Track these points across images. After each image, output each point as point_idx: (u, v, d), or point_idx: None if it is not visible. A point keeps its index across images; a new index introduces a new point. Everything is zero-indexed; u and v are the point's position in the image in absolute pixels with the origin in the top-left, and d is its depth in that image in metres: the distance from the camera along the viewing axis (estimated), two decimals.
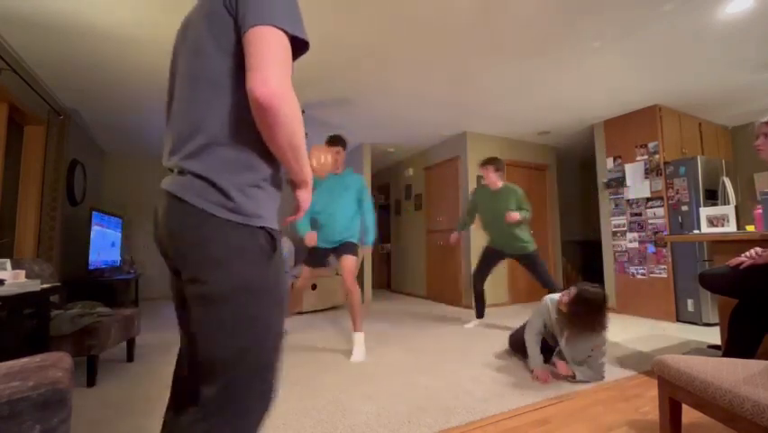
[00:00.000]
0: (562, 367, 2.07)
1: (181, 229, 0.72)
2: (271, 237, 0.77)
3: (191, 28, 0.79)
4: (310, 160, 0.95)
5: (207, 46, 0.74)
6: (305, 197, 0.88)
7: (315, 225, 2.86)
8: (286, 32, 0.71)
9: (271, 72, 0.67)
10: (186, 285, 0.73)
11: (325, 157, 2.07)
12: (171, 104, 0.84)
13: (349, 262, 2.68)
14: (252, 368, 0.73)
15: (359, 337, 2.63)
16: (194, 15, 0.81)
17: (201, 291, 0.71)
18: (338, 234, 2.78)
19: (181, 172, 0.73)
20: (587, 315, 1.93)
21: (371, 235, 2.84)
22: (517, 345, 2.41)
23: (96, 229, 4.01)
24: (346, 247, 2.75)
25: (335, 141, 2.88)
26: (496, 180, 3.34)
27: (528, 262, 3.27)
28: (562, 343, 2.09)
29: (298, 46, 0.76)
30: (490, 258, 3.44)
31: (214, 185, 0.71)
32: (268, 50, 0.68)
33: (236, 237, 0.71)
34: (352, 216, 2.83)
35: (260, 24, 0.69)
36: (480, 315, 3.55)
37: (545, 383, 2.01)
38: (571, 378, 2.04)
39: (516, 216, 3.13)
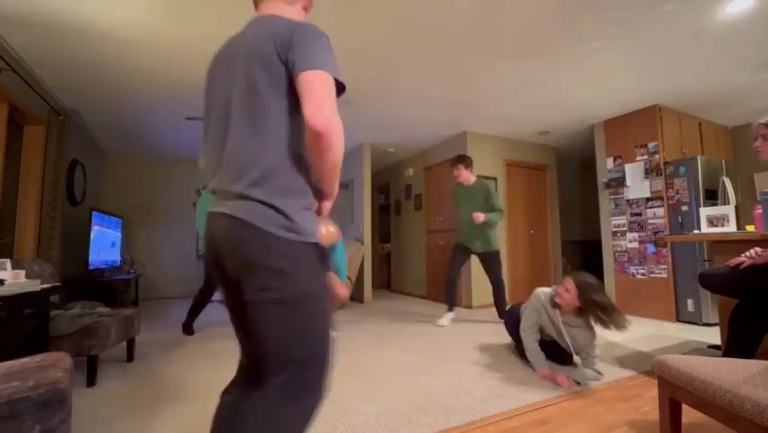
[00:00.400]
0: (562, 380, 1.98)
1: (249, 248, 0.82)
2: (321, 250, 0.90)
3: (239, 65, 0.89)
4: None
5: (264, 89, 0.85)
6: (328, 207, 0.99)
7: None
8: (331, 75, 0.84)
9: (325, 106, 0.79)
10: (254, 293, 0.83)
11: (328, 229, 2.27)
12: (210, 127, 0.95)
13: None
14: (316, 360, 0.86)
15: None
16: (239, 54, 0.90)
17: (274, 297, 0.82)
18: None
19: (243, 198, 0.84)
20: (603, 313, 1.93)
21: None
22: (512, 325, 2.42)
23: (96, 229, 4.01)
24: None
25: None
26: (469, 177, 3.58)
27: (487, 259, 3.51)
28: (564, 335, 2.05)
29: (338, 88, 0.88)
30: (458, 254, 3.63)
31: (276, 209, 0.83)
32: (320, 88, 0.81)
33: (296, 251, 0.84)
34: None
35: (312, 69, 0.82)
36: (451, 305, 3.65)
37: (554, 381, 2.00)
38: (576, 383, 2.00)
39: (480, 216, 3.31)
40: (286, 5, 1.03)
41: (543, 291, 2.21)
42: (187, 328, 3.28)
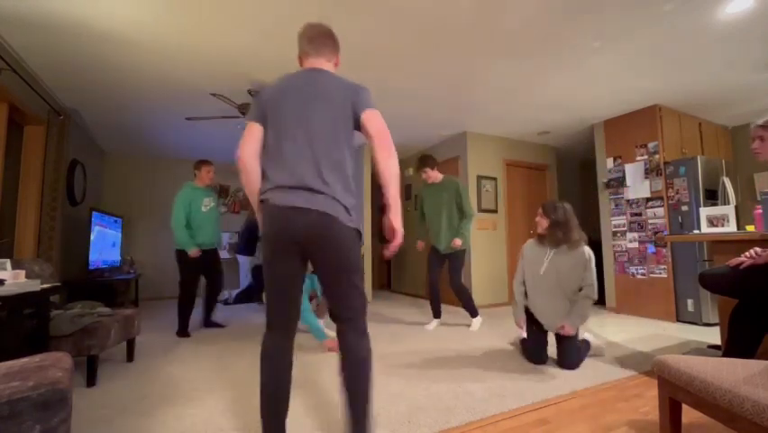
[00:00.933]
0: (568, 329, 2.22)
1: (330, 232, 1.23)
2: (360, 234, 1.34)
3: (325, 101, 1.31)
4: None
5: (341, 124, 1.32)
6: (397, 222, 1.35)
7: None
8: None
9: (382, 125, 1.33)
10: (327, 261, 1.27)
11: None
12: (287, 136, 1.30)
13: None
14: (365, 299, 1.35)
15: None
16: (321, 94, 1.32)
17: (344, 265, 1.27)
18: None
19: (322, 193, 1.23)
20: (561, 222, 2.24)
21: None
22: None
23: (96, 229, 4.01)
24: None
25: None
26: (437, 175, 3.47)
27: (454, 258, 3.35)
28: (545, 265, 2.28)
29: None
30: (433, 259, 3.46)
31: (344, 206, 1.26)
32: (379, 120, 1.34)
33: (353, 235, 1.29)
34: None
35: (371, 108, 1.34)
36: (436, 314, 3.53)
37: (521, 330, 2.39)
38: (560, 329, 2.22)
39: (458, 242, 3.24)
40: (326, 62, 1.44)
41: (529, 241, 2.48)
42: (182, 332, 3.20)
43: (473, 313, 3.43)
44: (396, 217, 1.32)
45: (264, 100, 1.34)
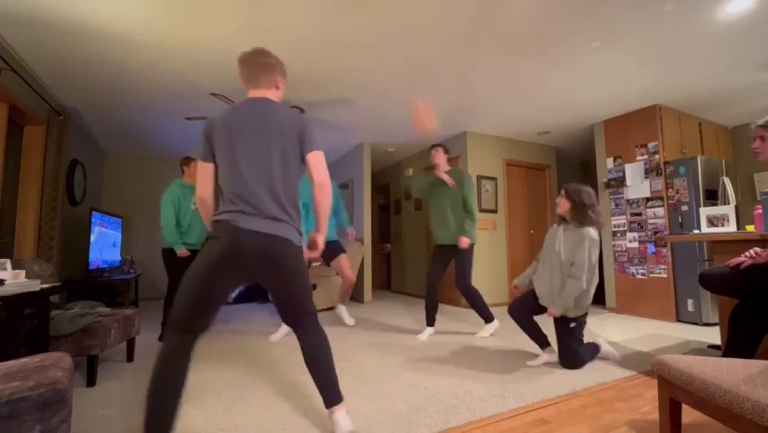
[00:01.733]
0: (515, 290, 2.47)
1: (287, 257, 1.38)
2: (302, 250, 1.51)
3: (274, 133, 1.41)
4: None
5: (291, 155, 1.44)
6: (321, 240, 1.56)
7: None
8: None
9: (324, 173, 1.47)
10: (279, 276, 1.41)
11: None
12: (239, 160, 1.39)
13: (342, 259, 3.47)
14: (310, 290, 1.51)
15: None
16: (273, 123, 1.42)
17: (302, 280, 1.45)
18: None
19: (277, 220, 1.37)
20: (583, 205, 2.30)
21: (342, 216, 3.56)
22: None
23: (96, 229, 4.01)
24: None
25: None
26: (444, 162, 3.15)
27: (462, 256, 3.03)
28: (559, 240, 2.35)
29: None
30: (438, 259, 3.13)
31: (299, 231, 1.46)
32: (320, 163, 1.47)
33: (301, 251, 1.45)
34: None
35: (316, 150, 1.47)
36: (430, 322, 3.13)
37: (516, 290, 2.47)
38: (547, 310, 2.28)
39: (465, 241, 2.96)
40: (267, 90, 1.52)
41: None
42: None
43: (488, 318, 3.10)
44: (321, 237, 1.54)
45: (212, 136, 1.42)
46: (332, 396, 1.44)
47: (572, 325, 2.23)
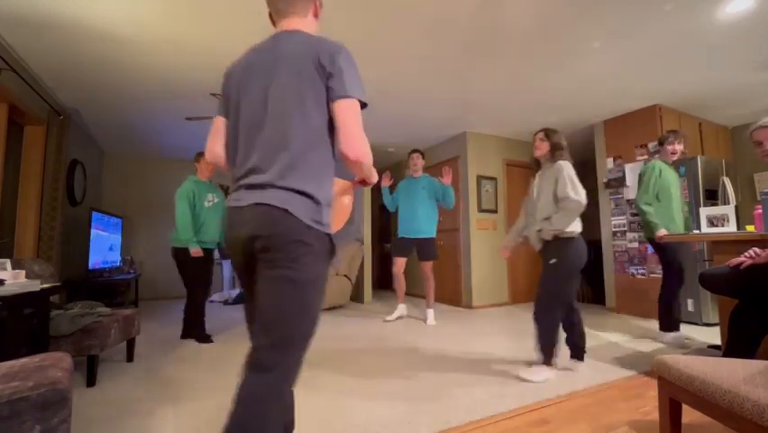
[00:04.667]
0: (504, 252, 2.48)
1: (278, 232, 0.94)
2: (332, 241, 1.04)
3: (280, 73, 0.99)
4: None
5: (310, 98, 0.97)
6: (371, 180, 1.14)
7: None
8: (360, 101, 0.99)
9: (357, 139, 0.95)
10: (264, 265, 0.95)
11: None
12: (241, 126, 1.04)
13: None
14: (304, 339, 0.97)
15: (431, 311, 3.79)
16: (280, 63, 1.00)
17: (289, 275, 0.93)
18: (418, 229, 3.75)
19: (272, 186, 0.95)
20: (560, 145, 2.31)
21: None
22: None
23: (93, 232, 4.00)
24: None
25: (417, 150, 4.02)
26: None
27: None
28: (535, 186, 2.39)
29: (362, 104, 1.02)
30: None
31: (313, 202, 0.98)
32: (352, 120, 0.95)
33: (316, 237, 0.98)
34: (429, 212, 3.78)
35: (345, 98, 0.96)
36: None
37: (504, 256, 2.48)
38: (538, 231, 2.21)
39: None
40: (300, 19, 1.11)
41: None
42: (203, 336, 2.98)
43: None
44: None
45: (227, 91, 1.11)
46: None
47: (552, 261, 2.08)
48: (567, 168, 2.14)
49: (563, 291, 2.07)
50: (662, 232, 2.64)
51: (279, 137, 0.96)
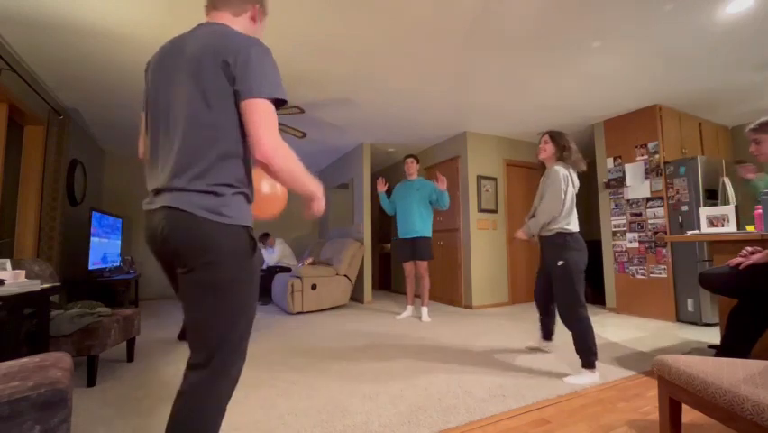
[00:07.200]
0: (519, 234, 2.42)
1: (186, 237, 0.91)
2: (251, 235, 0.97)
3: (184, 75, 0.93)
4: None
5: (211, 98, 0.91)
6: (317, 205, 1.07)
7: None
8: (271, 102, 0.92)
9: (267, 139, 0.89)
10: (185, 272, 0.92)
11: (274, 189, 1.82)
12: (154, 126, 0.98)
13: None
14: (234, 343, 0.94)
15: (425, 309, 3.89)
16: (189, 60, 0.94)
17: (202, 279, 0.91)
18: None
19: (182, 190, 0.91)
20: (566, 148, 2.28)
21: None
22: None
23: (94, 240, 3.98)
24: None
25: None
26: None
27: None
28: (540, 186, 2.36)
29: (280, 102, 0.95)
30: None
31: (217, 199, 0.92)
32: (262, 120, 0.89)
33: (224, 236, 0.92)
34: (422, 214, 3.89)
35: (254, 97, 0.89)
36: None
37: (517, 237, 2.44)
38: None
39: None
40: (232, 17, 1.08)
41: None
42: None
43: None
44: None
45: (145, 79, 1.06)
46: None
47: (560, 263, 2.15)
48: (554, 174, 2.19)
49: (580, 291, 2.13)
50: None
51: (179, 137, 0.92)
